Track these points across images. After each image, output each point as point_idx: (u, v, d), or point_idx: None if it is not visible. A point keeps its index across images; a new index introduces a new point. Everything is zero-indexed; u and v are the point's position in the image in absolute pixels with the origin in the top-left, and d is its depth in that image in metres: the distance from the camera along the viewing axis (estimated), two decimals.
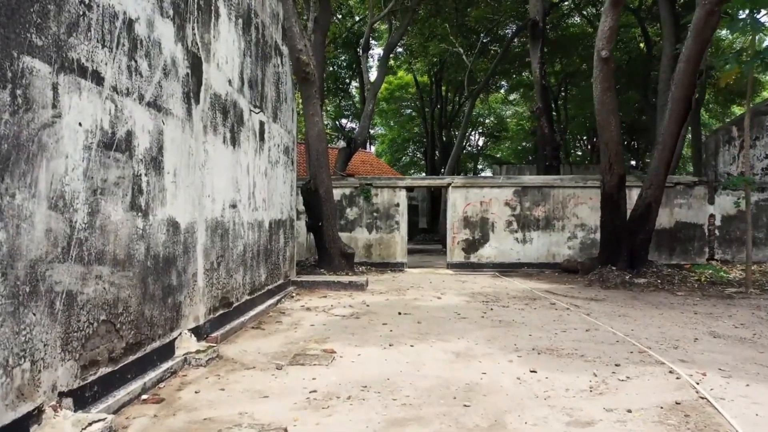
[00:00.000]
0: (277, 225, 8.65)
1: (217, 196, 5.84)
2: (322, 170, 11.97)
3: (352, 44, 30.62)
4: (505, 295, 9.25)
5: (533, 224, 13.41)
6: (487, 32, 22.74)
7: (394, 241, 13.64)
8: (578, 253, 13.25)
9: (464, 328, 6.47)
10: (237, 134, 6.55)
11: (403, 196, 13.68)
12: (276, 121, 8.57)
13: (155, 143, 4.40)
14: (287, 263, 9.49)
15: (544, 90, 15.59)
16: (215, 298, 5.83)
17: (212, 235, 5.72)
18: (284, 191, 9.22)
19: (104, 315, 3.64)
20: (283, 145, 9.11)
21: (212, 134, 5.71)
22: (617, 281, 10.13)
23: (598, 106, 10.12)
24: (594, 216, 13.25)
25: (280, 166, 8.86)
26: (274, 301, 8.08)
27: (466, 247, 13.51)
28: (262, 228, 7.72)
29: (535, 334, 6.10)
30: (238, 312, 6.59)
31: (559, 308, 7.90)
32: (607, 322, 6.86)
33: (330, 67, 35.66)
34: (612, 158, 10.17)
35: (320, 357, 5.01)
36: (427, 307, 7.98)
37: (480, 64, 25.41)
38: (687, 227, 13.25)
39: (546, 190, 13.39)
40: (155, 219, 4.39)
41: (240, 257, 6.69)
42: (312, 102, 11.72)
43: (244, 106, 6.83)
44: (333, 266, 12.04)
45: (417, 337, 5.93)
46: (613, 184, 10.36)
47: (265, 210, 7.88)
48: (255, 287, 7.39)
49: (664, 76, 14.65)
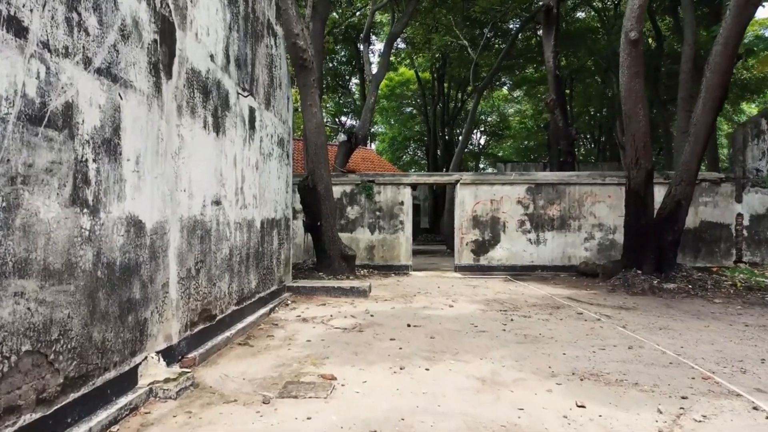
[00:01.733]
0: (270, 225, 7.75)
1: (195, 191, 4.94)
2: (321, 165, 11.07)
3: (351, 39, 29.70)
4: (524, 303, 8.34)
5: (547, 224, 12.51)
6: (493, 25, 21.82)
7: (398, 242, 12.73)
8: (596, 255, 12.35)
9: (485, 344, 5.56)
10: (221, 120, 5.65)
11: (407, 194, 12.78)
12: (269, 109, 7.67)
13: (109, 122, 3.50)
14: (282, 267, 8.59)
15: (557, 80, 14.66)
16: (193, 311, 4.92)
17: (189, 236, 4.81)
18: (278, 187, 8.32)
19: (29, 344, 2.74)
20: (277, 136, 8.21)
21: (189, 117, 4.81)
22: (644, 286, 9.23)
23: (624, 94, 9.21)
24: (613, 215, 12.37)
25: (273, 159, 7.96)
26: (266, 311, 7.18)
27: (475, 248, 12.61)
28: (252, 228, 6.82)
29: (570, 353, 5.20)
30: (223, 325, 5.69)
31: (588, 319, 6.99)
32: (648, 336, 5.96)
33: (330, 62, 34.83)
34: (639, 151, 9.26)
35: (317, 386, 4.10)
36: (439, 318, 7.08)
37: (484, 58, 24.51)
38: (713, 227, 12.35)
39: (561, 187, 12.49)
40: (109, 217, 3.49)
41: (225, 262, 5.79)
42: (310, 92, 10.81)
43: (230, 87, 5.93)
44: (332, 269, 11.14)
45: (431, 357, 5.03)
46: (640, 180, 9.44)
47: (255, 208, 6.98)
48: (244, 296, 6.49)
49: (685, 67, 13.76)
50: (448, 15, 20.13)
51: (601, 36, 26.04)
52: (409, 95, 38.63)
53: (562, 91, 15.16)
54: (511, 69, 28.51)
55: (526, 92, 34.42)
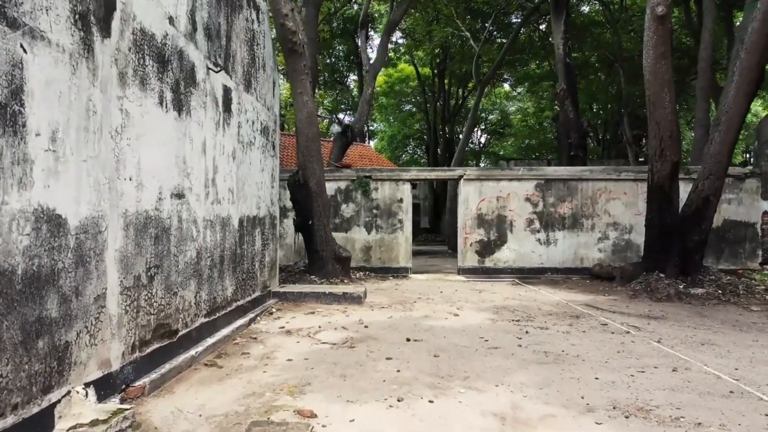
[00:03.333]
0: (251, 223, 6.85)
1: (147, 180, 4.03)
2: (313, 159, 10.16)
3: (349, 33, 28.82)
4: (537, 311, 7.44)
5: (558, 223, 11.60)
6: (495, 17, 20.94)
7: (396, 242, 11.82)
8: (610, 257, 11.45)
9: (500, 365, 4.65)
10: (185, 97, 4.74)
11: (407, 191, 11.87)
12: (249, 91, 6.76)
13: (4, 81, 2.59)
14: (267, 271, 7.68)
15: (568, 69, 13.73)
16: (145, 327, 4.01)
17: (138, 236, 3.90)
18: (262, 181, 7.42)
19: None
20: (261, 123, 7.30)
21: (138, 89, 3.90)
22: (669, 292, 8.32)
23: (649, 77, 8.31)
24: (629, 213, 11.47)
25: (255, 149, 7.05)
26: (245, 321, 6.27)
27: (480, 249, 11.70)
28: (228, 226, 5.91)
29: (604, 377, 4.29)
30: (188, 342, 4.78)
31: (615, 331, 6.08)
32: (691, 354, 5.05)
33: (328, 58, 33.98)
34: (664, 142, 8.35)
35: (290, 429, 3.18)
36: (443, 330, 6.17)
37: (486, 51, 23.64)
38: (736, 226, 11.45)
39: (573, 183, 11.58)
40: (4, 210, 2.58)
41: (191, 266, 4.88)
42: (300, 79, 9.90)
43: (198, 60, 5.02)
44: (325, 272, 10.23)
45: (436, 384, 4.12)
46: (665, 174, 8.54)
47: (232, 203, 6.07)
48: (216, 305, 5.58)
49: (704, 54, 12.86)
50: (449, 5, 19.23)
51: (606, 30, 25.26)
52: (408, 92, 37.82)
53: (573, 80, 14.24)
54: (514, 64, 27.64)
55: (528, 89, 33.56)
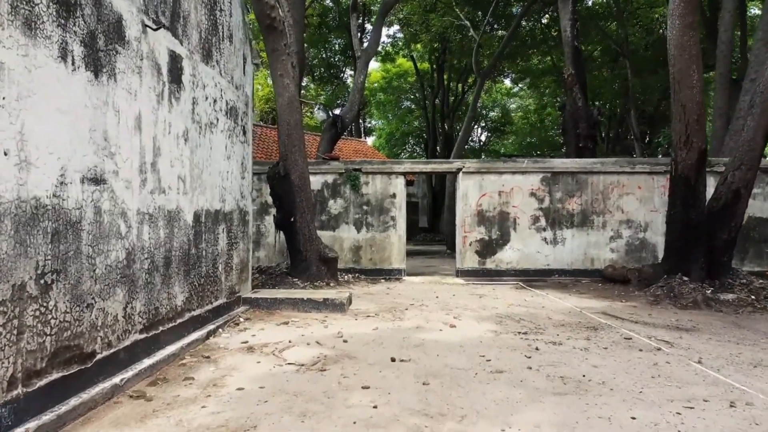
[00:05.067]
0: (213, 218, 5.84)
1: (37, 156, 3.02)
2: (295, 149, 9.16)
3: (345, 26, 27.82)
4: (547, 320, 6.43)
5: (566, 220, 10.59)
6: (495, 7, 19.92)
7: (389, 241, 10.81)
8: (623, 257, 10.44)
9: (506, 397, 3.64)
10: (107, 55, 3.73)
11: (400, 185, 10.85)
12: (210, 64, 5.75)
13: None
14: (235, 274, 6.67)
15: (576, 53, 12.67)
16: (35, 353, 3.01)
17: (20, 231, 2.90)
18: (229, 170, 6.41)
19: None
20: (226, 103, 6.29)
21: (20, 33, 2.89)
22: (695, 298, 7.32)
23: (674, 51, 7.30)
24: (643, 209, 10.46)
25: (219, 132, 6.05)
26: (202, 335, 5.27)
27: (480, 249, 10.69)
28: (177, 221, 4.90)
29: (643, 416, 3.29)
30: (111, 367, 3.77)
31: (642, 347, 5.08)
32: (745, 380, 4.05)
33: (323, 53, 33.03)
34: (691, 126, 7.34)
35: None
36: (437, 345, 5.17)
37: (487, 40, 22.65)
38: (762, 224, 10.44)
39: (582, 176, 10.57)
40: None
41: (117, 270, 3.88)
42: (281, 59, 8.90)
43: (128, 11, 4.01)
44: (309, 275, 9.24)
45: (422, 429, 3.11)
46: (691, 163, 7.53)
47: (184, 194, 5.07)
48: (159, 317, 4.57)
49: (724, 37, 11.86)
50: None
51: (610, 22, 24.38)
52: (407, 88, 36.93)
53: (581, 64, 13.17)
54: (515, 57, 26.66)
55: (530, 84, 32.59)
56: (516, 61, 27.72)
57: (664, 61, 22.27)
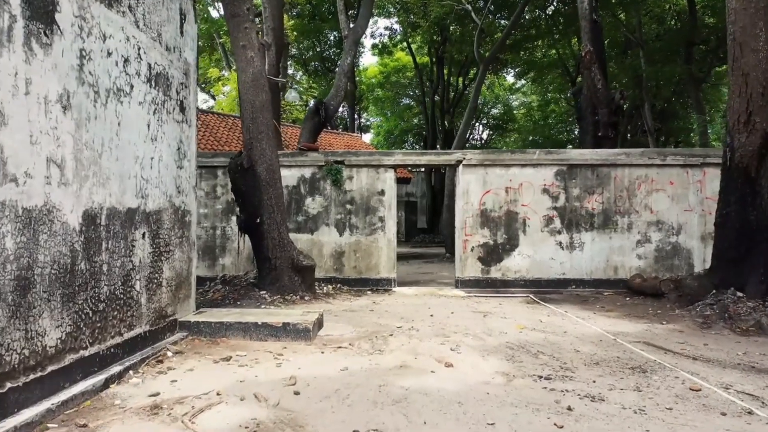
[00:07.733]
0: (123, 219, 4.30)
1: None
2: (262, 136, 7.63)
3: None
4: (574, 354, 4.87)
5: (585, 222, 9.03)
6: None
7: (376, 246, 9.25)
8: (652, 265, 8.88)
9: None
10: None
11: (390, 180, 9.30)
12: (116, 9, 4.21)
13: None
14: (166, 292, 5.13)
15: (595, 27, 11.03)
16: None
17: None
18: (154, 156, 4.87)
19: None
20: (149, 67, 4.75)
21: None
22: (759, 320, 5.77)
23: (735, 5, 5.76)
24: (676, 209, 8.91)
25: (135, 103, 4.50)
26: (94, 384, 3.73)
27: (484, 255, 9.13)
28: (47, 224, 3.36)
29: None
30: None
31: (722, 407, 3.52)
32: None
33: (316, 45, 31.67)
34: (753, 102, 5.79)
35: None
36: (425, 400, 3.62)
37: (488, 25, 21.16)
38: None
39: (604, 170, 9.01)
40: None
41: None
42: (242, 27, 7.37)
43: None
44: (280, 287, 7.73)
45: None
46: (752, 150, 5.97)
47: (64, 185, 3.52)
48: (7, 367, 3.03)
49: None
50: None
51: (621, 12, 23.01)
52: (405, 84, 35.51)
53: (601, 41, 11.52)
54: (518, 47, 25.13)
55: (534, 77, 31.05)
56: (519, 53, 26.29)
57: (677, 51, 20.76)
